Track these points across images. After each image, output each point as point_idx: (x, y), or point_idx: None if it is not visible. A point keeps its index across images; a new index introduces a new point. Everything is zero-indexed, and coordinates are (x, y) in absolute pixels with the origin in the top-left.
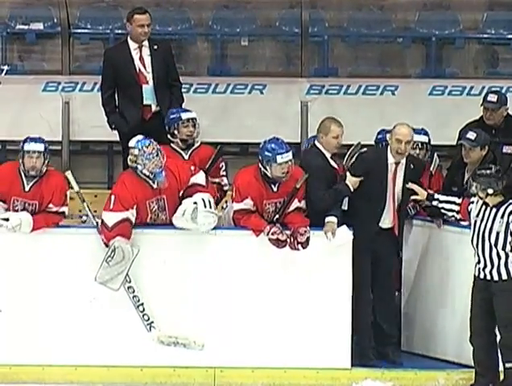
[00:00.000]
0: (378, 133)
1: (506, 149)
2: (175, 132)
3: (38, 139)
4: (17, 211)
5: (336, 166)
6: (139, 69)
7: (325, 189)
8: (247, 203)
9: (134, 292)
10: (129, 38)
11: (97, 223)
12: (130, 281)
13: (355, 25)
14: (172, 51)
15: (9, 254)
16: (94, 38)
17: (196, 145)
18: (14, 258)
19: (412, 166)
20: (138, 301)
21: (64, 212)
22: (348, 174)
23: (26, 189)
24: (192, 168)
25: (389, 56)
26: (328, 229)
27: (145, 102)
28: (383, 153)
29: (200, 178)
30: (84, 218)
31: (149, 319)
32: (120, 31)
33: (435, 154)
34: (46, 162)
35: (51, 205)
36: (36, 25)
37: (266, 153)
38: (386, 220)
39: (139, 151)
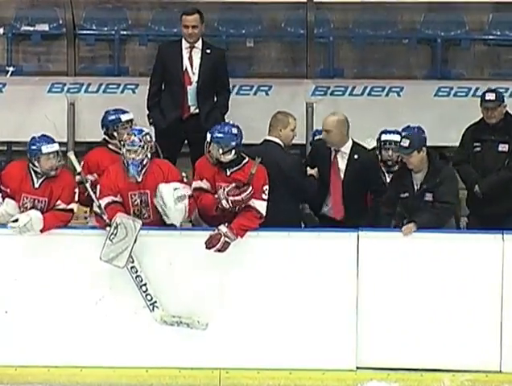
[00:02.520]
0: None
1: (502, 147)
2: (114, 133)
3: (50, 140)
4: (26, 208)
5: None
6: (186, 69)
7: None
8: (202, 183)
9: (136, 272)
10: (183, 37)
11: (99, 204)
12: (133, 261)
13: (360, 26)
14: (226, 59)
15: (15, 255)
16: (99, 39)
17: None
18: (19, 259)
19: (357, 156)
20: (141, 281)
21: (72, 209)
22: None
23: (36, 186)
24: (184, 175)
25: (394, 57)
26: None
27: (186, 103)
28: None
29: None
30: (89, 219)
31: (152, 299)
32: (125, 32)
33: None
34: (60, 159)
35: (59, 202)
36: (42, 26)
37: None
38: (331, 210)
39: (127, 136)
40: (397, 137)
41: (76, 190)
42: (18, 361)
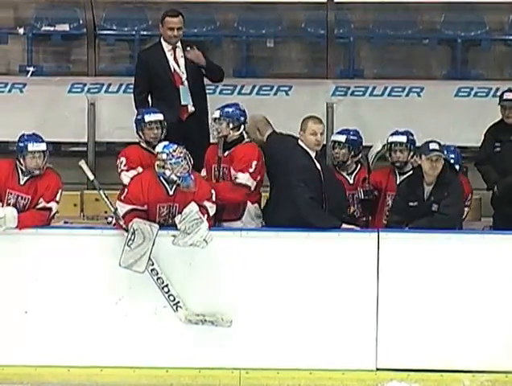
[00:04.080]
0: None
1: None
2: (140, 133)
3: (38, 138)
4: (9, 204)
5: (319, 167)
6: (174, 70)
7: (311, 191)
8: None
9: (157, 274)
10: (162, 39)
11: (115, 209)
12: (153, 264)
13: (381, 26)
14: (205, 52)
15: (35, 255)
16: (120, 39)
17: None
18: (40, 259)
19: None
20: (163, 282)
21: (51, 208)
22: None
23: (21, 183)
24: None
25: (414, 58)
26: None
27: (182, 103)
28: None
29: (211, 207)
30: (110, 219)
31: (175, 299)
32: (145, 33)
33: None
34: (47, 159)
35: (40, 200)
36: (62, 26)
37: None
38: None
39: (167, 156)
40: (404, 139)
41: (60, 190)
42: (38, 361)
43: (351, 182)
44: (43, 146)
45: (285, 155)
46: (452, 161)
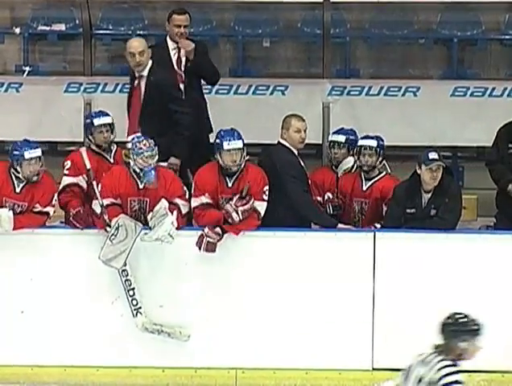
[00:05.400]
0: None
1: None
2: (90, 137)
3: (32, 144)
4: None
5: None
6: (176, 69)
7: (306, 190)
8: (205, 198)
9: (127, 275)
10: (168, 37)
11: (102, 203)
12: (125, 265)
13: (377, 26)
14: (207, 50)
15: (30, 255)
16: (116, 39)
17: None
18: (35, 259)
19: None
20: (130, 285)
21: (48, 212)
22: None
23: (17, 190)
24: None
25: (411, 57)
26: None
27: None
28: None
29: (183, 205)
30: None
31: (137, 304)
32: (141, 32)
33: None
34: (42, 163)
35: (36, 205)
36: (58, 26)
37: (216, 140)
38: None
39: (132, 145)
40: (373, 143)
41: (56, 194)
42: (35, 361)
43: (364, 188)
44: (38, 152)
45: (268, 154)
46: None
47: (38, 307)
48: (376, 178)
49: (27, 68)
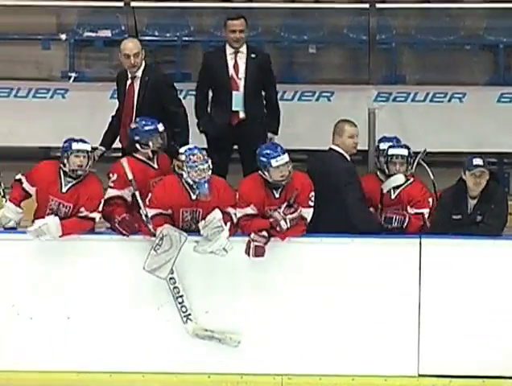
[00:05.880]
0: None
1: None
2: (150, 143)
3: (83, 140)
4: (51, 209)
5: None
6: (231, 75)
7: (361, 197)
8: (250, 209)
9: (175, 283)
10: (227, 43)
11: (146, 214)
12: (172, 273)
13: (423, 32)
14: (271, 62)
15: (78, 261)
16: (162, 45)
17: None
18: (83, 265)
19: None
20: (178, 292)
21: (94, 218)
22: None
23: (64, 190)
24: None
25: (456, 63)
26: None
27: (233, 108)
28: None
29: (235, 213)
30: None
31: (186, 311)
32: (187, 38)
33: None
34: (90, 162)
35: (82, 209)
36: (104, 32)
37: (262, 158)
38: None
39: (185, 158)
40: (404, 152)
41: (102, 200)
42: (80, 367)
43: (392, 197)
44: (87, 146)
45: (321, 160)
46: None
47: (84, 313)
48: (403, 186)
49: (73, 74)
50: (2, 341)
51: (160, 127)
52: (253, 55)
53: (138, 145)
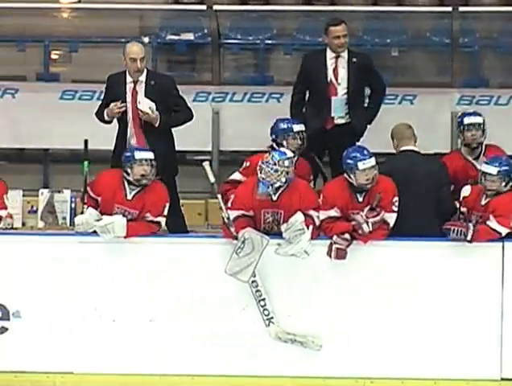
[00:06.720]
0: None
1: None
2: (284, 142)
3: (145, 149)
4: None
5: None
6: (330, 80)
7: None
8: (334, 212)
9: (257, 286)
10: (328, 48)
11: (228, 216)
12: (255, 276)
13: (506, 35)
14: (373, 64)
15: (158, 264)
16: (244, 48)
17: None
18: (164, 268)
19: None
20: (260, 295)
21: (159, 222)
22: None
23: (129, 197)
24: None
25: None
26: None
27: (332, 114)
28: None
29: (317, 216)
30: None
31: (269, 314)
32: (270, 41)
33: None
34: (154, 170)
35: (148, 214)
36: (186, 35)
37: (348, 161)
38: None
39: (268, 156)
40: (479, 119)
41: (167, 204)
42: (163, 369)
43: (478, 167)
44: (150, 155)
45: (412, 164)
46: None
47: (167, 315)
48: (496, 196)
49: None
50: (84, 344)
51: (296, 127)
52: (354, 60)
53: (274, 144)
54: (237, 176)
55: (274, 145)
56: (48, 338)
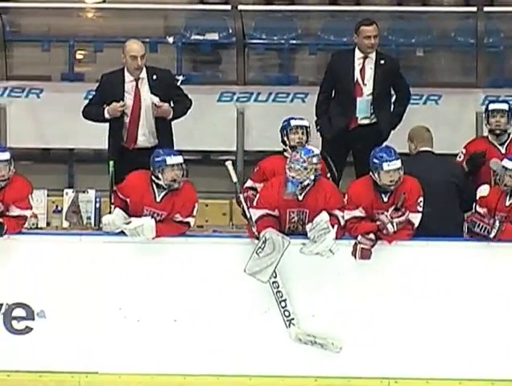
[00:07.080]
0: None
1: None
2: (285, 138)
3: (175, 152)
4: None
5: None
6: (357, 80)
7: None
8: (358, 212)
9: (278, 287)
10: (356, 47)
11: (250, 216)
12: (275, 277)
13: None
14: (400, 68)
15: (183, 264)
16: (269, 48)
17: None
18: (188, 268)
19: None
20: (281, 296)
21: (189, 223)
22: None
23: (158, 199)
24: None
25: None
26: None
27: (357, 114)
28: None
29: (342, 216)
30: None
31: (289, 315)
32: (295, 42)
33: None
34: (184, 173)
35: (177, 215)
36: (211, 35)
37: (374, 160)
38: None
39: (299, 156)
40: (505, 106)
41: (196, 204)
42: (187, 370)
43: (503, 151)
44: (180, 159)
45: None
46: None
47: (190, 316)
48: None
49: (180, 77)
50: (109, 344)
51: (295, 122)
52: (382, 62)
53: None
54: (249, 183)
55: (283, 146)
56: (73, 338)
